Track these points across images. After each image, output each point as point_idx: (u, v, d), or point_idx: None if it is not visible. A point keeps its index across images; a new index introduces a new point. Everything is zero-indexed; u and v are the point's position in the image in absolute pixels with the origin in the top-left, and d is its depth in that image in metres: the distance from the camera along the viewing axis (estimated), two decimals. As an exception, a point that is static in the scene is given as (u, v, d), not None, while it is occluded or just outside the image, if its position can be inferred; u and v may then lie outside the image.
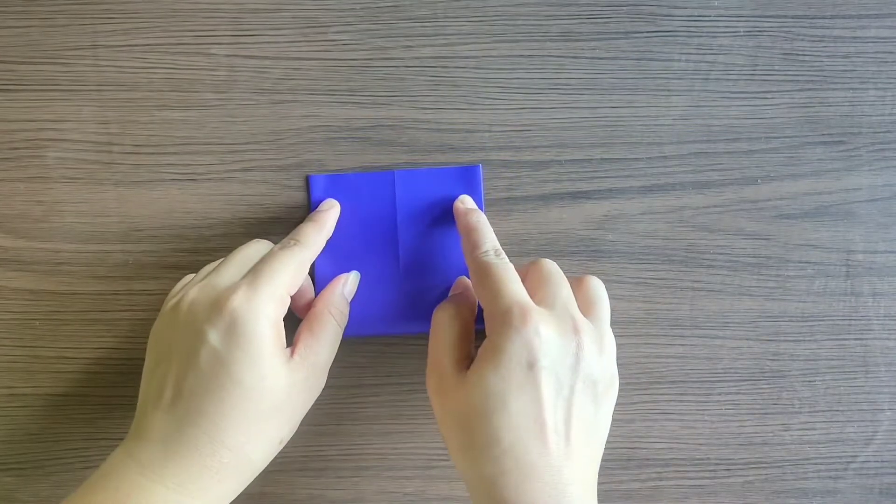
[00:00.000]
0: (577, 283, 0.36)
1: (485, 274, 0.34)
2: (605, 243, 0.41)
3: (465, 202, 0.39)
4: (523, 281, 0.35)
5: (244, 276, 0.34)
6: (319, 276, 0.40)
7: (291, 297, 0.35)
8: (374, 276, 0.40)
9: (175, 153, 0.41)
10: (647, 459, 0.42)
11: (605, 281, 0.41)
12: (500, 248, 0.36)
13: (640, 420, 0.41)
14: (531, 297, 0.34)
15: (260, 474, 0.36)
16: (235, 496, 0.33)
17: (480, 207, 0.40)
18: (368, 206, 0.40)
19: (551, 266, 0.36)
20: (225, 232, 0.41)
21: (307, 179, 0.40)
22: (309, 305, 0.38)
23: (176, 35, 0.40)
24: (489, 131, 0.40)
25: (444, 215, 0.40)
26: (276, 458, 0.36)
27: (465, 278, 0.40)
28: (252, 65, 0.40)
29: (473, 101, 0.40)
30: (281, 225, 0.41)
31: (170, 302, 0.36)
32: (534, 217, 0.41)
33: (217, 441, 0.32)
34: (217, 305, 0.33)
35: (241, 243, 0.40)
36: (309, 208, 0.40)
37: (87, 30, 0.40)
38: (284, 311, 0.34)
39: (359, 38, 0.40)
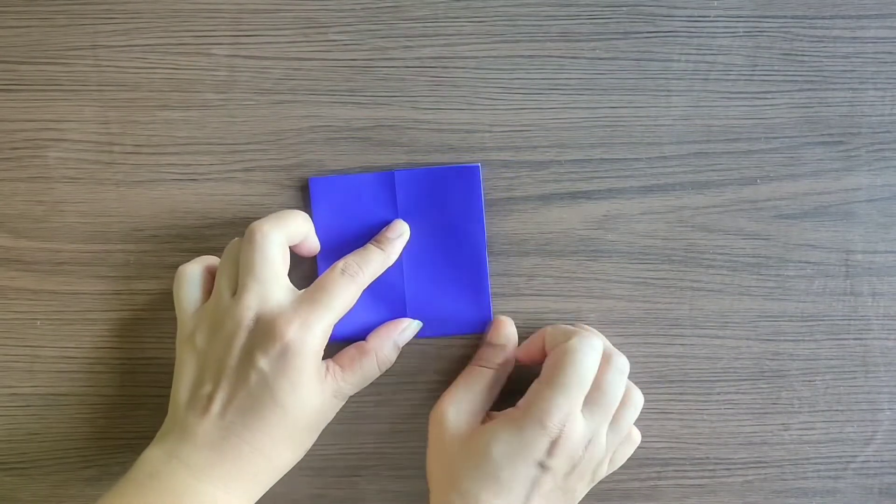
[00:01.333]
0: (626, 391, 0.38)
1: (565, 360, 0.36)
2: (604, 243, 0.41)
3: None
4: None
5: (301, 299, 0.36)
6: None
7: (296, 245, 0.39)
8: (377, 280, 0.40)
9: (176, 153, 0.41)
10: (647, 459, 0.42)
11: (605, 281, 0.41)
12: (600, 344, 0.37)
13: (640, 419, 0.41)
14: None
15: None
16: (265, 492, 0.37)
17: (480, 207, 0.40)
18: (369, 208, 0.40)
19: (613, 376, 0.36)
20: (226, 232, 0.41)
21: (307, 182, 0.40)
22: (310, 254, 0.40)
23: (176, 35, 0.40)
24: (489, 131, 0.41)
25: (444, 214, 0.40)
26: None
27: (508, 322, 0.40)
28: (252, 65, 0.40)
29: (473, 102, 0.40)
30: (281, 225, 0.41)
31: (222, 300, 0.36)
32: (534, 217, 0.41)
33: (256, 450, 0.35)
34: (271, 333, 0.35)
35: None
36: (310, 211, 0.40)
37: (88, 30, 0.40)
38: (326, 341, 0.36)
39: (359, 38, 0.40)
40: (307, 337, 0.35)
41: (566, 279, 0.41)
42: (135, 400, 0.41)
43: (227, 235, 0.41)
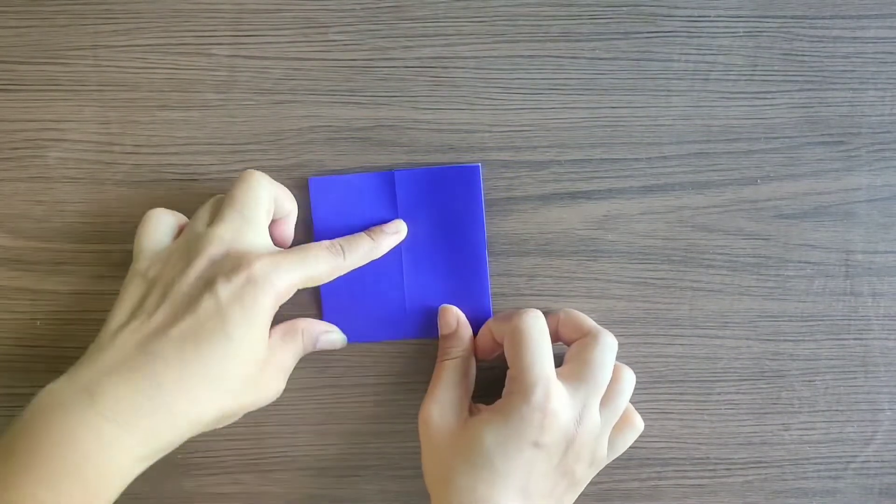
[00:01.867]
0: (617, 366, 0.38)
1: (520, 338, 0.36)
2: (604, 243, 0.41)
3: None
4: (569, 341, 0.38)
5: (277, 250, 0.35)
6: (325, 292, 0.40)
7: (276, 221, 0.38)
8: (377, 280, 0.40)
9: (176, 153, 0.41)
10: (647, 459, 0.42)
11: (604, 281, 0.41)
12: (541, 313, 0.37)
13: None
14: (567, 361, 0.37)
15: (261, 474, 0.36)
16: (168, 451, 0.33)
17: (480, 207, 0.40)
18: (370, 208, 0.40)
19: (601, 352, 0.36)
20: (225, 232, 0.41)
21: (307, 182, 0.40)
22: (280, 230, 0.39)
23: (177, 35, 0.40)
24: (489, 131, 0.41)
25: (444, 214, 0.40)
26: (276, 457, 0.37)
27: (453, 308, 0.40)
28: (253, 65, 0.40)
29: (473, 102, 0.40)
30: (281, 225, 0.41)
31: (195, 229, 0.35)
32: (534, 217, 0.41)
33: (182, 387, 0.32)
34: (237, 263, 0.33)
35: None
36: (310, 211, 0.40)
37: (89, 30, 0.40)
38: (289, 296, 0.35)
39: (359, 38, 0.40)
40: (274, 275, 0.33)
41: (566, 279, 0.41)
42: (135, 400, 0.41)
43: (227, 235, 0.41)
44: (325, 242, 0.37)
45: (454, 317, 0.39)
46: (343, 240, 0.38)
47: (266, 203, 0.36)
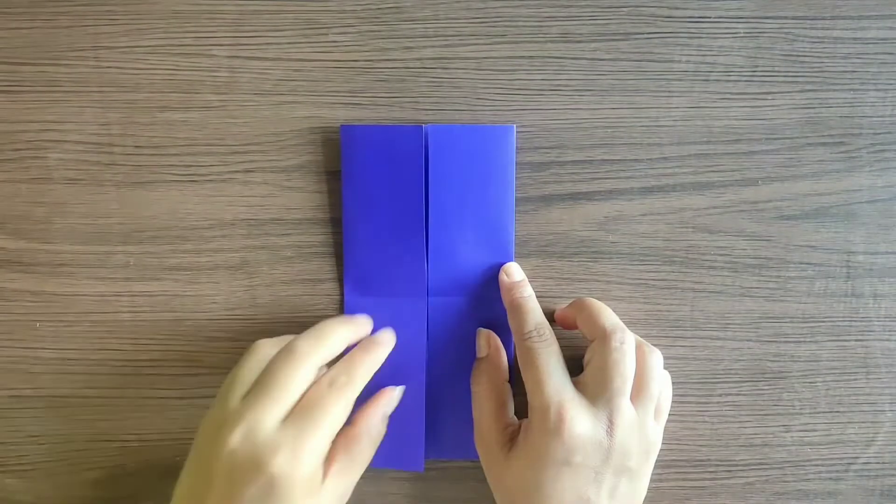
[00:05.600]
0: (638, 353, 0.37)
1: (527, 360, 0.36)
2: (605, 244, 0.41)
3: (510, 274, 0.40)
4: (588, 338, 0.38)
5: (288, 419, 0.33)
6: (348, 242, 0.40)
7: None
8: (399, 235, 0.40)
9: (176, 154, 0.41)
10: (648, 460, 0.41)
11: (605, 282, 0.41)
12: (545, 324, 0.37)
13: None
14: (587, 366, 0.37)
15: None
16: None
17: (511, 167, 0.40)
18: (399, 159, 0.39)
19: (614, 354, 0.36)
20: (226, 233, 0.41)
21: (339, 129, 0.40)
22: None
23: (177, 37, 0.40)
24: (490, 132, 0.41)
25: (474, 172, 0.40)
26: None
27: (487, 332, 0.40)
28: (253, 66, 0.40)
29: (474, 103, 0.40)
30: (281, 226, 0.41)
31: (231, 397, 0.34)
32: (535, 218, 0.41)
33: None
34: (258, 465, 0.32)
35: (242, 245, 0.41)
36: (340, 162, 0.40)
37: (90, 31, 0.40)
38: (325, 452, 0.34)
39: (359, 39, 0.40)
40: (298, 466, 0.32)
41: (567, 280, 0.41)
42: (135, 402, 0.41)
43: (227, 237, 0.41)
44: (325, 381, 0.34)
45: (486, 341, 0.39)
46: (345, 364, 0.36)
47: (303, 382, 0.34)
